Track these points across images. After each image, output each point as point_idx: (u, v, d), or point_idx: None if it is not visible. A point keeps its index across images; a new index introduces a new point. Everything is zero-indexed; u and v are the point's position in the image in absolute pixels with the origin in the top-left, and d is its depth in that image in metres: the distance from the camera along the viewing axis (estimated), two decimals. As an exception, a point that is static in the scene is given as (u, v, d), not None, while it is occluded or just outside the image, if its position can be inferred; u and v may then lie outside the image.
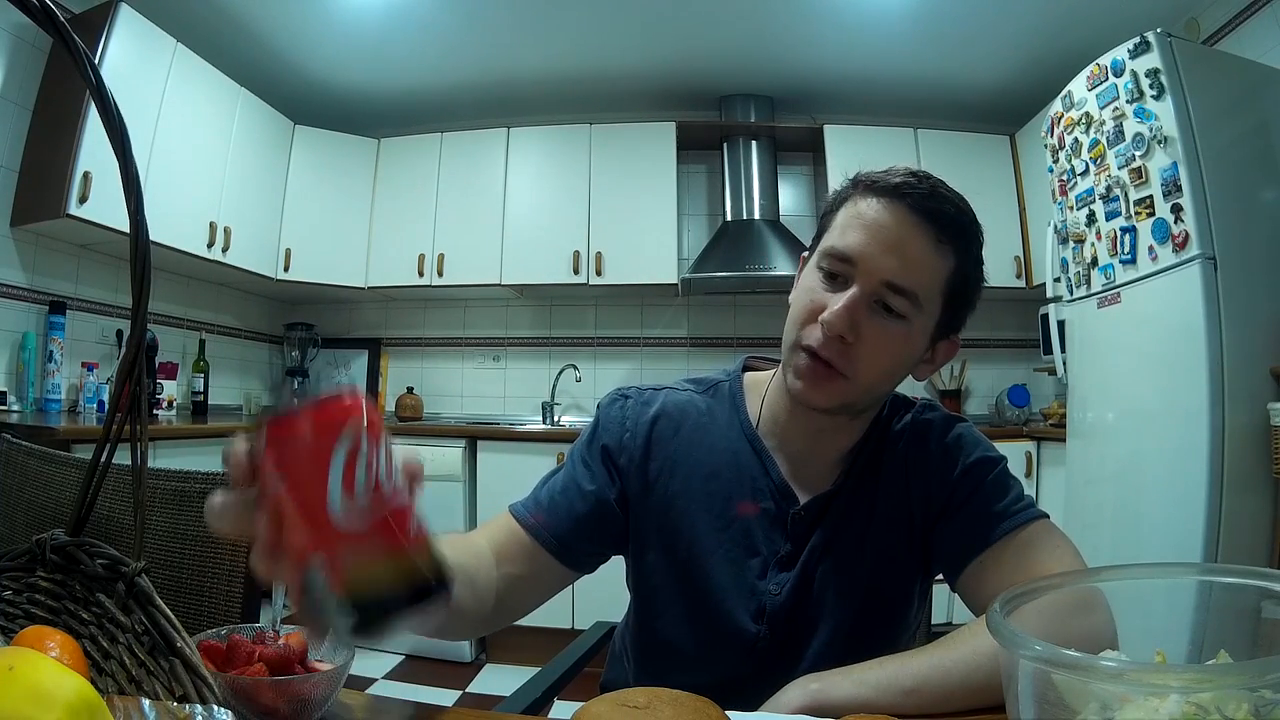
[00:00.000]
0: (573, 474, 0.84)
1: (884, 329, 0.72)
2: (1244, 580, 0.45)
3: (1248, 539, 1.85)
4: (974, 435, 0.83)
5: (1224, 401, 1.86)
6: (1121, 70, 2.10)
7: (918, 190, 0.72)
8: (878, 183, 0.74)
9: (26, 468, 1.00)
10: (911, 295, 0.72)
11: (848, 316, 0.71)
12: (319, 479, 0.39)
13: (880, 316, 0.72)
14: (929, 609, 1.07)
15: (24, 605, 0.57)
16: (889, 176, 0.74)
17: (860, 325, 0.71)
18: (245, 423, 0.48)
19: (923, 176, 0.74)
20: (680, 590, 0.83)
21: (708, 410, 0.87)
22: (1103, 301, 2.26)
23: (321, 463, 0.39)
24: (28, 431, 1.95)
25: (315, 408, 0.41)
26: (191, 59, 2.70)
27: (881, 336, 0.72)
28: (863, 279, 0.72)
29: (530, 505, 0.82)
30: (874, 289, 0.72)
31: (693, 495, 0.82)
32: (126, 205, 0.53)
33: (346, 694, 0.56)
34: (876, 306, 0.72)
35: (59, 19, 0.51)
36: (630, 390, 0.90)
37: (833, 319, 0.71)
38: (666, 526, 0.83)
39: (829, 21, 2.88)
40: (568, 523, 0.80)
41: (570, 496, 0.82)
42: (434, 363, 3.78)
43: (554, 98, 3.50)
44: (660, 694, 0.50)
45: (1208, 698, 0.33)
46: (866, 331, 0.72)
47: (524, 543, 0.79)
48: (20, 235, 2.39)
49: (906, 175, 0.73)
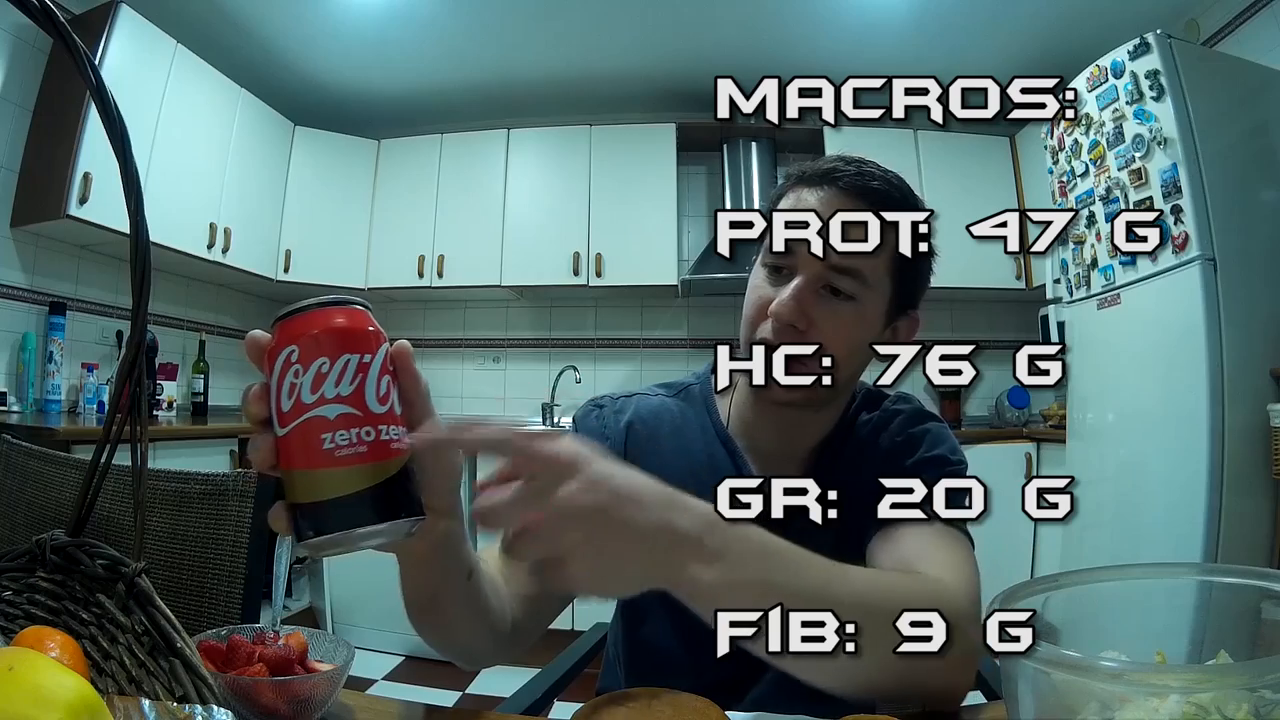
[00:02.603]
0: None
1: (835, 312, 0.72)
2: (1244, 580, 0.45)
3: (1248, 539, 1.85)
4: (942, 433, 0.81)
5: (1224, 402, 1.86)
6: (1121, 71, 2.10)
7: (845, 171, 0.72)
8: (807, 173, 0.75)
9: (26, 468, 1.00)
10: (856, 273, 0.71)
11: (795, 305, 0.70)
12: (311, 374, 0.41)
13: (829, 301, 0.72)
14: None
15: (24, 606, 0.57)
16: (818, 165, 0.74)
17: (810, 312, 0.71)
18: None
19: (851, 159, 0.74)
20: (662, 597, 0.82)
21: (680, 414, 0.86)
22: (1103, 303, 2.27)
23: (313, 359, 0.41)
24: (28, 432, 1.95)
25: (326, 310, 0.43)
26: (191, 60, 2.70)
27: (833, 320, 0.72)
28: (805, 266, 0.72)
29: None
30: (818, 273, 0.71)
31: None
32: (126, 206, 0.53)
33: (346, 694, 0.56)
34: (824, 291, 0.72)
35: (59, 19, 0.51)
36: (604, 400, 0.90)
37: (781, 309, 0.70)
38: None
39: (829, 22, 2.89)
40: None
41: None
42: (434, 364, 3.78)
43: (554, 99, 3.50)
44: (660, 694, 0.50)
45: (1208, 698, 0.33)
46: (818, 317, 0.71)
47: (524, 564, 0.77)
48: (20, 236, 2.39)
49: (834, 160, 0.74)
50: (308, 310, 0.43)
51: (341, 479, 0.41)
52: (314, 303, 0.44)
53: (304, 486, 0.41)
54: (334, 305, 0.44)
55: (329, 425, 0.41)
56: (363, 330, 0.43)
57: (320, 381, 0.41)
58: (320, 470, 0.41)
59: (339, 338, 0.42)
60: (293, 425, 0.41)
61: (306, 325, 0.42)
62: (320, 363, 0.41)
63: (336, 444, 0.41)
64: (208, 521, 0.90)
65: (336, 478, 0.41)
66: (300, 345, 0.42)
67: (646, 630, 0.83)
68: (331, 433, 0.41)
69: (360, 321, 0.44)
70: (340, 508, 0.41)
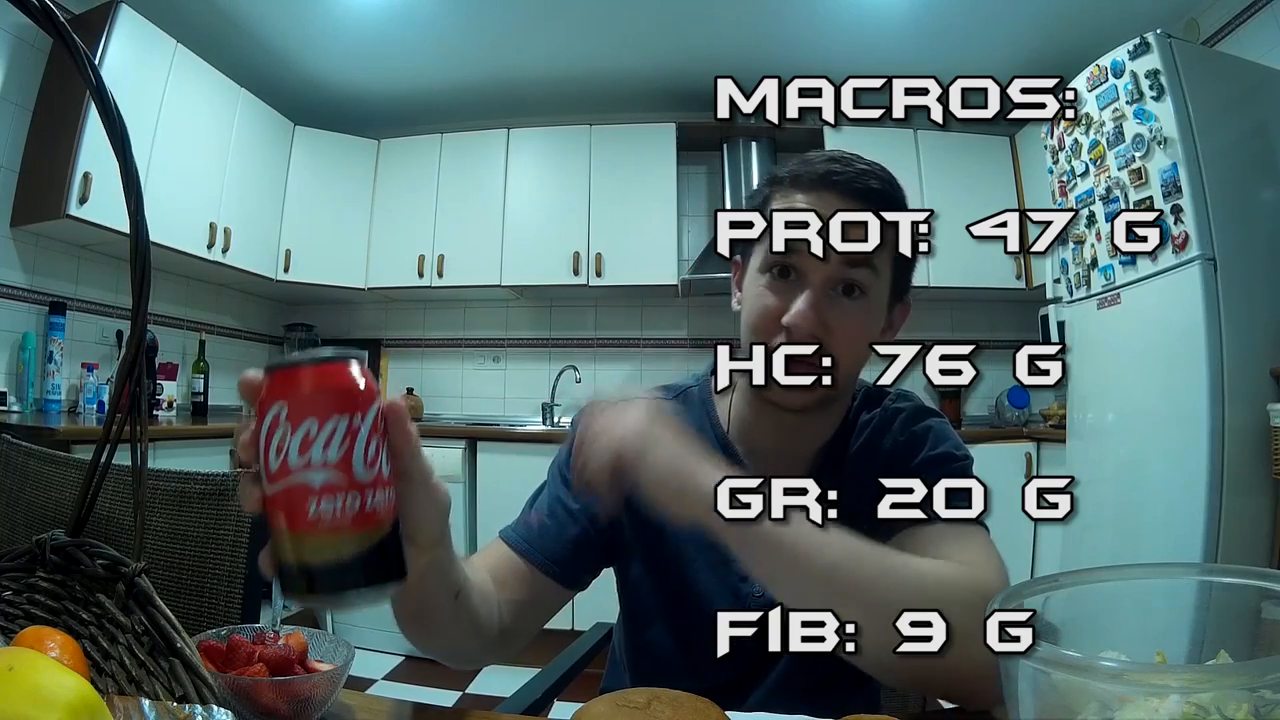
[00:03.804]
0: (558, 495, 0.82)
1: (849, 313, 0.71)
2: (1244, 580, 0.45)
3: (1248, 539, 1.85)
4: (944, 430, 0.80)
5: (1224, 402, 1.86)
6: (1121, 71, 2.10)
7: (845, 174, 0.72)
8: (801, 176, 0.74)
9: (26, 468, 1.00)
10: (869, 263, 0.71)
11: (815, 315, 0.69)
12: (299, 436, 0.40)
13: (841, 302, 0.71)
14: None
15: (24, 606, 0.57)
16: (811, 167, 0.73)
17: (827, 319, 0.70)
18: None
19: (844, 159, 0.73)
20: (664, 600, 0.82)
21: (679, 415, 0.86)
22: (1103, 302, 2.27)
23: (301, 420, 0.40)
24: (27, 432, 1.95)
25: (318, 368, 0.42)
26: (191, 59, 2.70)
27: (848, 320, 0.71)
28: (816, 270, 0.71)
29: (522, 530, 0.80)
30: (829, 275, 0.70)
31: None
32: (126, 206, 0.53)
33: (346, 694, 0.56)
34: (834, 293, 0.71)
35: (59, 19, 0.51)
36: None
37: (800, 320, 0.69)
38: (646, 536, 0.82)
39: (829, 21, 2.89)
40: (562, 546, 0.79)
41: (559, 520, 0.80)
42: (434, 364, 3.78)
43: (554, 98, 3.50)
44: (660, 694, 0.50)
45: (1208, 698, 0.33)
46: (833, 322, 0.70)
47: (521, 570, 0.77)
48: (20, 236, 2.39)
49: (828, 161, 0.73)
50: (298, 366, 0.42)
51: (325, 545, 0.40)
52: (306, 358, 0.42)
53: (289, 546, 0.41)
54: (326, 362, 0.42)
55: (314, 492, 0.40)
56: (353, 390, 0.42)
57: (307, 445, 0.40)
58: (304, 534, 0.40)
59: (328, 399, 0.41)
60: (279, 486, 0.41)
61: (296, 383, 0.41)
62: (308, 425, 0.40)
63: (320, 512, 0.40)
64: (208, 521, 0.90)
65: (320, 543, 0.40)
66: (289, 403, 0.41)
67: (650, 634, 0.84)
68: (316, 499, 0.40)
69: (352, 381, 0.42)
70: (323, 572, 0.41)
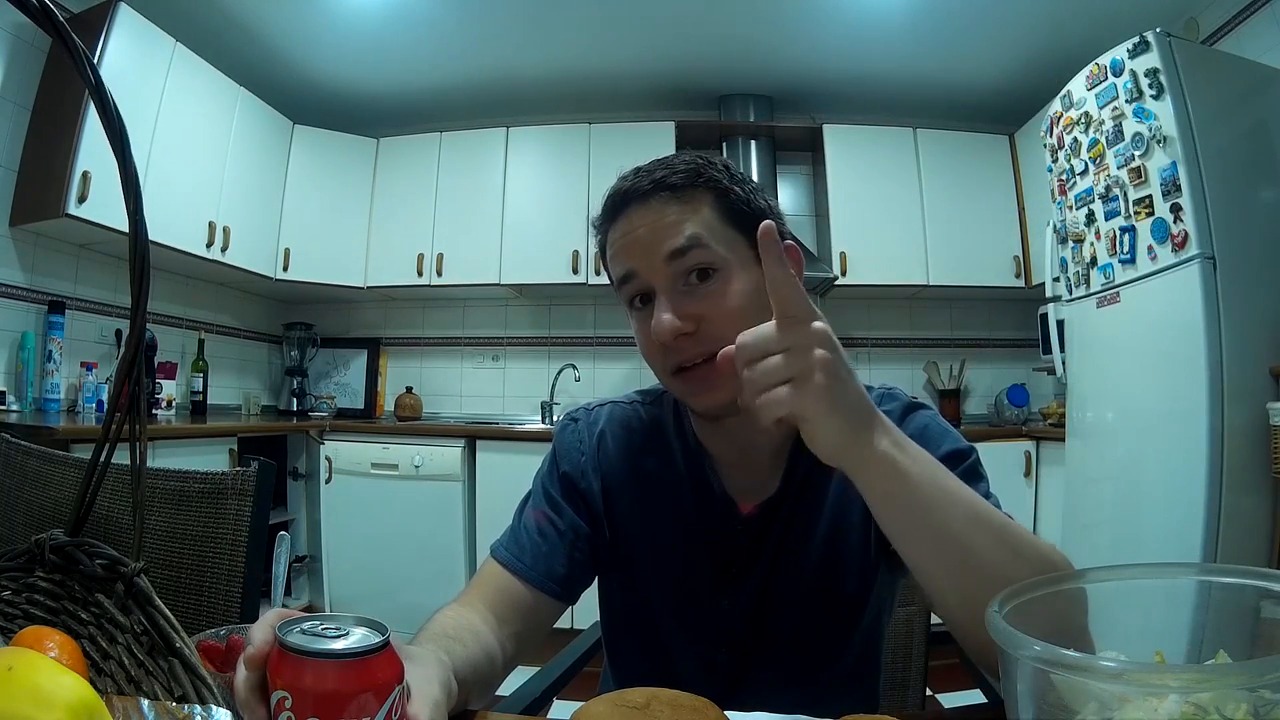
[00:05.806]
0: (544, 512, 0.82)
1: (711, 292, 0.70)
2: (1243, 580, 0.45)
3: (1248, 539, 1.85)
4: (939, 425, 0.78)
5: (1223, 401, 1.86)
6: (1121, 70, 2.10)
7: (637, 185, 0.73)
8: (606, 208, 0.76)
9: (25, 468, 1.00)
10: (694, 239, 0.70)
11: (672, 317, 0.69)
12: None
13: (694, 290, 0.70)
14: (927, 617, 1.06)
15: (23, 605, 0.57)
16: (611, 197, 0.75)
17: (688, 310, 0.70)
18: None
19: (639, 171, 0.75)
20: (638, 613, 0.83)
21: (651, 422, 0.85)
22: (1102, 301, 2.26)
23: (304, 718, 0.38)
24: (27, 431, 1.95)
25: (328, 668, 0.38)
26: (191, 59, 2.69)
27: (714, 300, 0.70)
28: (655, 276, 0.71)
29: (514, 550, 0.79)
30: (669, 275, 0.70)
31: (641, 516, 0.81)
32: (126, 205, 0.53)
33: (346, 694, 0.56)
34: (685, 287, 0.71)
35: (58, 18, 0.51)
36: (578, 412, 0.89)
37: (663, 328, 0.69)
38: (621, 550, 0.82)
39: (828, 21, 2.88)
40: (556, 564, 0.78)
41: (549, 538, 0.79)
42: (433, 362, 3.78)
43: (553, 97, 3.49)
44: (659, 694, 0.50)
45: (1207, 698, 0.33)
46: (696, 310, 0.70)
47: (522, 595, 0.76)
48: (19, 235, 2.39)
49: (622, 180, 0.75)
50: (309, 657, 0.38)
51: None
52: (320, 651, 0.39)
53: None
54: (342, 658, 0.39)
55: None
56: (366, 689, 0.39)
57: None
58: None
59: (337, 701, 0.38)
60: None
61: (303, 676, 0.38)
62: None
63: None
64: (207, 520, 0.90)
65: None
66: (294, 696, 0.38)
67: (627, 645, 0.87)
68: None
69: (366, 680, 0.39)
70: None
